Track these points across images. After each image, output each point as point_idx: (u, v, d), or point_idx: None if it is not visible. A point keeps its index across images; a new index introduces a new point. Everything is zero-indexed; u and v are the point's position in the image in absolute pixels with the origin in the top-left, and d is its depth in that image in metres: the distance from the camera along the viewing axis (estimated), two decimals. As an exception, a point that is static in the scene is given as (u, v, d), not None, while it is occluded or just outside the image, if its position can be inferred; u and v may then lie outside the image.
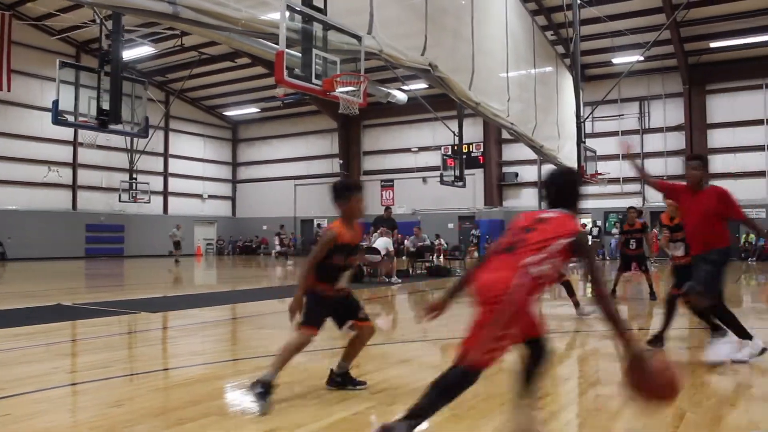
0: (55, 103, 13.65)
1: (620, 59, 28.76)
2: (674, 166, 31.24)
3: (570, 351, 7.04)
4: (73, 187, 35.41)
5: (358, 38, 8.19)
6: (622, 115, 32.62)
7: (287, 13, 7.17)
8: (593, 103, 23.55)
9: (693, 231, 6.19)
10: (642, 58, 24.14)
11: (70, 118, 14.03)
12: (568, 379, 5.68)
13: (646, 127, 32.24)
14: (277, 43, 7.19)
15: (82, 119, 14.14)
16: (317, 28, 7.70)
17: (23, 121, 32.73)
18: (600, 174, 21.51)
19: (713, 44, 28.07)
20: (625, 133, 32.42)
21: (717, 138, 30.57)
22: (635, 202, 31.86)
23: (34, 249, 32.20)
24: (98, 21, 15.56)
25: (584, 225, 33.59)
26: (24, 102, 32.43)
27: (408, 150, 38.72)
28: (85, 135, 22.84)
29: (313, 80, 7.56)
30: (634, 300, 12.93)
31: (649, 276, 12.50)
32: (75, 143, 34.49)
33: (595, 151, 21.49)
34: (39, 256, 31.95)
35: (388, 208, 19.23)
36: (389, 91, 22.22)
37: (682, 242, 7.42)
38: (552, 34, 27.11)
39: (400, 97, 22.65)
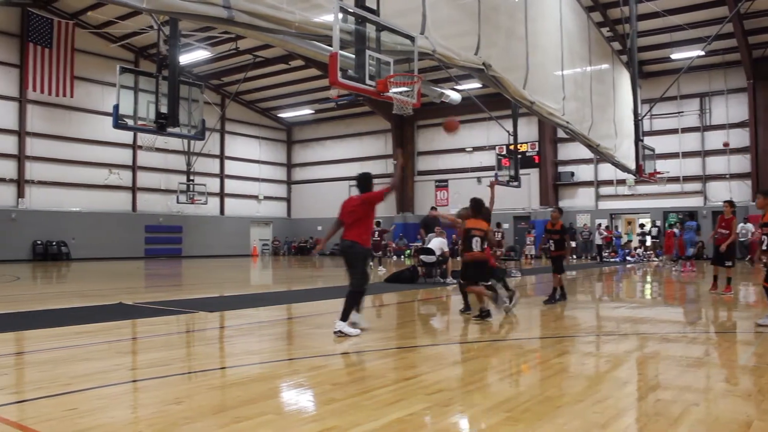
0: (116, 107, 14.00)
1: (679, 54, 28.10)
2: (737, 164, 30.33)
3: (629, 354, 6.89)
4: (133, 189, 36.27)
5: (412, 39, 8.16)
6: (682, 112, 31.83)
7: (340, 15, 7.20)
8: (651, 101, 23.04)
9: None
10: (703, 53, 23.53)
11: (130, 122, 14.39)
12: (627, 383, 5.56)
13: (707, 124, 31.35)
14: (330, 45, 7.21)
15: (141, 123, 14.48)
16: (370, 30, 7.70)
17: (85, 126, 33.67)
18: (659, 173, 21.03)
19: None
20: (685, 130, 31.60)
21: (783, 134, 29.57)
22: (696, 201, 31.12)
23: (96, 249, 33.10)
24: (156, 27, 15.92)
25: (642, 225, 32.94)
26: (86, 107, 33.38)
27: (462, 150, 38.53)
28: (144, 138, 23.37)
29: (367, 81, 7.56)
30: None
31: (560, 279, 11.87)
32: (134, 146, 35.37)
33: (653, 150, 21.02)
34: (101, 256, 32.84)
35: (433, 208, 19.18)
36: (443, 91, 22.18)
37: None
38: (608, 31, 26.63)
39: (454, 96, 22.57)
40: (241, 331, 8.65)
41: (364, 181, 8.40)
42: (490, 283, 10.16)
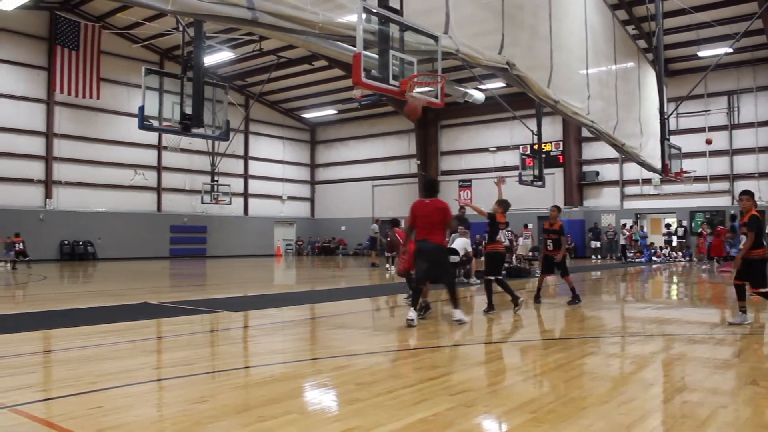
0: (141, 108, 14.10)
1: (706, 52, 27.70)
2: (767, 163, 29.87)
3: (655, 355, 6.81)
4: (158, 189, 36.58)
5: (435, 38, 8.12)
6: (709, 110, 31.40)
7: (364, 15, 7.19)
8: (678, 99, 22.77)
9: None
10: (731, 50, 23.19)
11: (155, 123, 14.47)
12: (653, 385, 5.50)
13: (736, 122, 30.91)
14: (353, 45, 7.21)
15: (166, 124, 14.57)
16: (393, 29, 7.67)
17: (111, 127, 34.02)
18: (685, 172, 20.78)
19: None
20: (712, 129, 31.16)
21: (813, 133, 29.11)
22: (723, 201, 30.70)
23: (122, 249, 33.43)
24: (181, 29, 16.03)
25: (668, 225, 32.58)
26: (112, 108, 33.72)
27: (486, 150, 38.36)
28: (169, 139, 23.56)
29: (390, 81, 7.55)
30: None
31: (569, 279, 11.82)
32: (159, 147, 35.70)
33: (679, 149, 20.77)
34: (126, 256, 33.16)
35: (462, 208, 19.07)
36: (466, 90, 22.09)
37: None
38: (633, 29, 26.35)
39: (478, 96, 22.46)
40: (264, 331, 8.69)
41: (432, 185, 9.40)
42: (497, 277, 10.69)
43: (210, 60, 29.71)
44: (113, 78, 33.25)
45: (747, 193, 9.06)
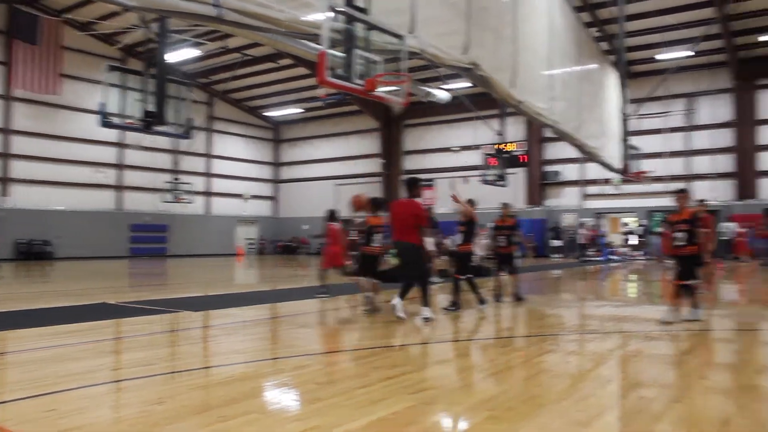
0: (102, 105, 13.89)
1: (666, 55, 28.18)
2: (723, 163, 30.50)
3: (612, 352, 6.93)
4: (119, 187, 36.04)
5: (401, 38, 8.15)
6: (669, 111, 31.94)
7: (330, 14, 7.18)
8: (639, 100, 23.13)
9: None
10: (692, 53, 23.60)
11: (117, 121, 14.26)
12: (609, 381, 5.59)
13: (694, 124, 31.52)
14: (319, 44, 7.20)
15: (129, 121, 14.36)
16: (359, 29, 7.68)
17: (71, 124, 33.38)
18: (644, 172, 21.13)
19: (761, 38, 27.29)
20: (672, 130, 31.69)
21: (767, 135, 29.80)
22: (681, 201, 31.19)
23: (81, 248, 32.81)
24: (143, 25, 15.82)
25: (625, 224, 33.09)
26: (72, 105, 33.06)
27: (449, 149, 38.55)
28: (132, 137, 23.22)
29: (355, 80, 7.55)
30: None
31: (516, 278, 12.11)
32: (121, 145, 35.15)
33: (639, 149, 21.11)
34: (85, 255, 32.58)
35: (429, 208, 19.15)
36: (429, 90, 22.15)
37: None
38: (597, 31, 26.70)
39: (442, 95, 22.54)
40: (225, 331, 8.63)
41: (412, 185, 9.55)
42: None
43: (174, 57, 29.36)
44: (74, 74, 32.63)
45: (684, 191, 9.28)
